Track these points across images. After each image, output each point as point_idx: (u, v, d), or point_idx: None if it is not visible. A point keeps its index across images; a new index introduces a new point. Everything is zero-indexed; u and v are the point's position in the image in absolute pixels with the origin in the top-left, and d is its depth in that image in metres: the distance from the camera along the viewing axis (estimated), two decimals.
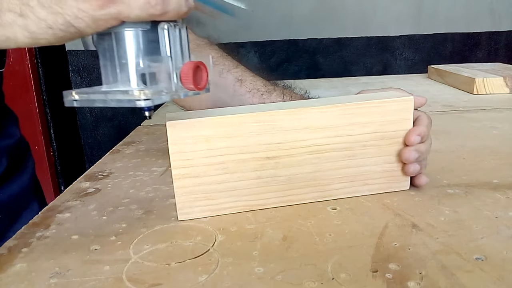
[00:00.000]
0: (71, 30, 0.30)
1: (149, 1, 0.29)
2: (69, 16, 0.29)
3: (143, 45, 0.32)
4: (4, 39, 0.30)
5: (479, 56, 1.95)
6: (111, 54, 0.32)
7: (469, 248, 0.34)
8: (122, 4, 0.29)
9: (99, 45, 0.33)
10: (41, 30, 0.30)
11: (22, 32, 0.30)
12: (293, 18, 1.84)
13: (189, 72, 0.32)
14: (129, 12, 0.29)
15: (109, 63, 0.33)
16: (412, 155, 0.43)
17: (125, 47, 0.32)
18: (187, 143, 0.39)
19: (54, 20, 0.29)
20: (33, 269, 0.34)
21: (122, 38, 0.32)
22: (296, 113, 0.41)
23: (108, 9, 0.29)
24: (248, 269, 0.33)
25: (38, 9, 0.29)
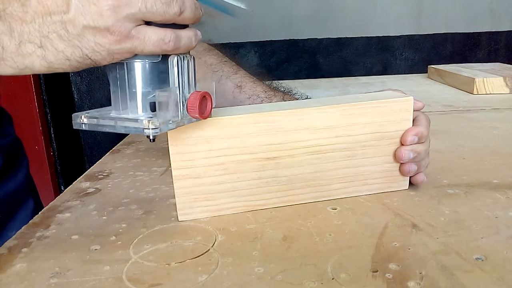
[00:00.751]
0: (87, 62, 0.31)
1: (163, 38, 0.31)
2: (86, 49, 0.31)
3: (153, 76, 0.33)
4: (23, 67, 0.32)
5: (479, 56, 1.94)
6: (122, 82, 0.33)
7: (469, 248, 0.34)
8: (137, 40, 0.31)
9: (110, 73, 0.34)
10: (59, 61, 0.31)
11: (40, 62, 0.31)
12: (293, 18, 1.84)
13: (195, 102, 0.34)
14: (143, 47, 0.31)
15: (119, 90, 0.34)
16: (407, 155, 0.43)
17: (135, 77, 0.33)
18: (187, 144, 0.39)
19: (72, 52, 0.31)
20: (33, 269, 0.34)
21: (133, 68, 0.33)
22: (296, 114, 0.41)
23: (124, 44, 0.30)
24: (248, 269, 0.33)
25: (57, 42, 0.30)
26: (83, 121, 0.34)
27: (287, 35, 1.86)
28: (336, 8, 1.85)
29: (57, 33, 0.30)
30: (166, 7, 0.30)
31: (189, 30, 0.33)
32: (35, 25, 0.30)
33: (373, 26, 1.88)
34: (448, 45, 1.93)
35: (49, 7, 0.30)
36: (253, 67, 1.82)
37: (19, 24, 0.30)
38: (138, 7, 0.30)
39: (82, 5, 0.29)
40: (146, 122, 0.32)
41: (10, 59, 0.31)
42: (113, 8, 0.29)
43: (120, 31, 0.30)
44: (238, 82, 0.59)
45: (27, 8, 0.30)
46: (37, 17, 0.30)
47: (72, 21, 0.30)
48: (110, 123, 0.33)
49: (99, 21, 0.29)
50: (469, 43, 1.93)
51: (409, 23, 1.89)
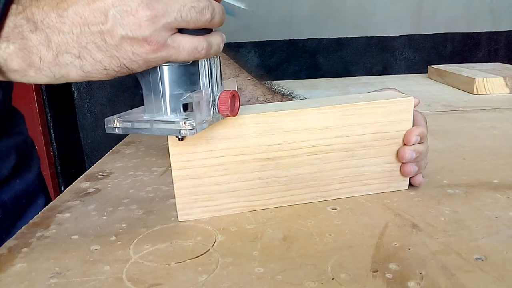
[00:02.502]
0: (123, 71, 0.32)
1: (196, 47, 0.32)
2: (124, 59, 0.31)
3: (185, 78, 0.34)
4: (59, 77, 0.32)
5: (479, 56, 1.94)
6: (155, 86, 0.34)
7: (469, 248, 0.34)
8: (172, 49, 0.31)
9: (142, 77, 0.34)
10: (96, 71, 0.32)
11: (77, 72, 0.32)
12: (293, 18, 1.84)
13: (226, 101, 0.36)
14: (178, 56, 0.32)
15: (152, 94, 0.34)
16: (410, 155, 0.44)
17: (169, 80, 0.34)
18: (187, 144, 0.39)
19: (109, 62, 0.31)
20: (33, 269, 0.34)
21: (167, 72, 0.34)
22: (296, 114, 0.41)
23: (160, 53, 0.31)
24: (248, 269, 0.33)
25: (95, 52, 0.31)
26: (116, 125, 0.35)
27: (287, 35, 1.86)
28: (336, 8, 1.85)
29: (95, 43, 0.30)
30: (200, 15, 0.31)
31: (218, 35, 0.34)
32: (73, 35, 0.30)
33: (373, 26, 1.88)
34: (448, 45, 1.93)
35: (86, 18, 0.30)
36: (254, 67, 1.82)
37: (56, 35, 0.30)
38: (174, 16, 0.30)
39: (120, 16, 0.30)
40: (182, 124, 0.32)
41: (47, 69, 0.31)
42: (151, 18, 0.30)
43: (158, 40, 0.30)
44: (238, 85, 0.60)
45: (64, 19, 0.30)
46: (74, 27, 0.30)
47: (110, 31, 0.30)
48: (145, 126, 0.34)
49: (137, 32, 0.30)
50: (469, 43, 1.93)
51: (409, 23, 1.89)
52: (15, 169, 0.56)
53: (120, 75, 0.33)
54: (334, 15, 1.86)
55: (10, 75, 0.32)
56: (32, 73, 0.31)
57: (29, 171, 0.59)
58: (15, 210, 0.55)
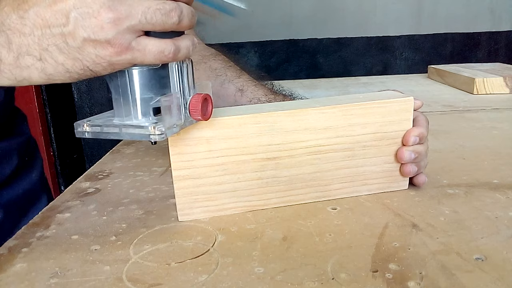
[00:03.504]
0: (87, 73, 0.31)
1: (162, 51, 0.31)
2: (87, 61, 0.31)
3: (154, 82, 0.34)
4: (21, 79, 0.32)
5: (479, 56, 1.94)
6: (124, 90, 0.34)
7: (469, 248, 0.34)
8: (137, 52, 0.31)
9: (111, 80, 0.34)
10: (59, 73, 0.31)
11: (39, 74, 0.31)
12: (293, 18, 1.84)
13: (197, 105, 0.35)
14: (144, 59, 0.31)
15: (121, 97, 0.34)
16: (409, 156, 0.44)
17: (137, 84, 0.33)
18: (187, 144, 0.39)
19: (72, 65, 0.31)
20: (33, 269, 0.34)
21: (135, 75, 0.33)
22: (296, 114, 0.41)
23: (124, 55, 0.31)
24: (248, 269, 0.33)
25: (57, 54, 0.30)
26: (85, 130, 0.34)
27: (287, 35, 1.86)
28: (336, 8, 1.85)
29: (56, 45, 0.30)
30: (166, 18, 0.30)
31: (187, 39, 0.33)
32: (34, 37, 0.30)
33: (373, 26, 1.88)
34: (448, 45, 1.93)
35: (48, 20, 0.29)
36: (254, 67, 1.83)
37: (17, 37, 0.30)
38: (138, 19, 0.30)
39: (82, 17, 0.29)
40: (151, 128, 0.32)
41: (8, 71, 0.31)
42: (113, 21, 0.29)
43: (121, 43, 0.30)
44: (240, 86, 0.60)
45: (26, 21, 0.30)
46: (35, 29, 0.30)
47: (72, 33, 0.29)
48: (114, 130, 0.34)
49: (99, 34, 0.29)
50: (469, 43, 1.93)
51: (409, 23, 1.89)
52: (18, 169, 0.56)
53: (84, 77, 0.32)
54: (334, 15, 1.86)
55: None
56: None
57: (32, 171, 0.59)
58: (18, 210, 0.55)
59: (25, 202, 0.57)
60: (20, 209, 0.55)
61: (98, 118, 0.35)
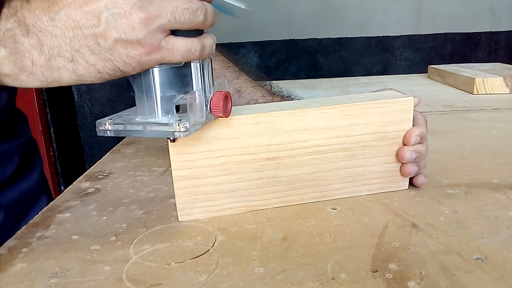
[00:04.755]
0: (117, 74, 0.32)
1: (190, 49, 0.32)
2: (118, 62, 0.31)
3: (177, 80, 0.34)
4: (51, 81, 0.32)
5: (479, 56, 1.94)
6: (148, 88, 0.34)
7: (469, 248, 0.34)
8: (166, 51, 0.31)
9: (134, 80, 0.34)
10: (90, 74, 0.31)
11: (69, 75, 0.31)
12: (293, 18, 1.84)
13: (219, 102, 0.36)
14: (172, 58, 0.32)
15: (144, 96, 0.34)
16: (410, 155, 0.44)
17: (162, 82, 0.34)
18: (187, 144, 0.39)
19: (103, 65, 0.31)
20: (33, 269, 0.34)
21: (159, 74, 0.33)
22: (296, 114, 0.41)
23: (154, 55, 0.31)
24: (248, 269, 0.33)
25: (88, 55, 0.30)
26: (107, 128, 0.34)
27: (287, 35, 1.86)
28: (336, 8, 1.85)
29: (88, 47, 0.30)
30: (193, 17, 0.31)
31: (210, 37, 0.34)
32: (66, 39, 0.30)
33: (373, 26, 1.88)
34: (448, 45, 1.93)
35: (79, 21, 0.29)
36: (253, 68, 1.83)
37: (48, 38, 0.30)
38: (168, 18, 0.30)
39: (113, 18, 0.29)
40: (176, 125, 0.32)
41: (39, 73, 0.31)
42: (144, 21, 0.29)
43: (151, 43, 0.30)
44: (238, 87, 0.60)
45: (56, 22, 0.30)
46: (67, 31, 0.30)
47: (104, 34, 0.30)
48: (138, 128, 0.34)
49: (131, 34, 0.30)
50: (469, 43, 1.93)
51: (409, 23, 1.89)
52: (18, 170, 0.56)
53: (114, 78, 0.32)
54: (334, 15, 1.86)
55: (2, 79, 0.32)
56: (24, 77, 0.31)
57: (32, 172, 0.59)
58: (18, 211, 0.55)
59: (26, 203, 0.57)
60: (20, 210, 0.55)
61: (119, 117, 0.36)
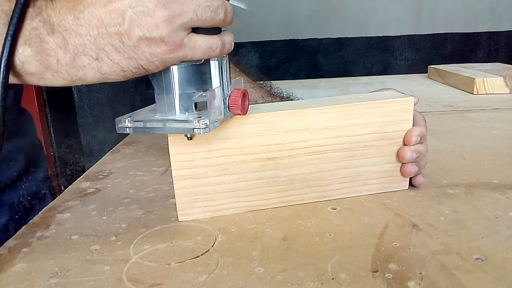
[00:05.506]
0: (140, 72, 0.32)
1: (211, 46, 0.32)
2: (141, 60, 0.31)
3: (196, 77, 0.34)
4: (75, 79, 0.32)
5: (479, 56, 1.94)
6: (168, 85, 0.34)
7: (469, 248, 0.34)
8: (188, 49, 0.32)
9: (154, 77, 0.35)
10: (114, 72, 0.32)
11: (94, 74, 0.32)
12: (293, 18, 1.84)
13: (237, 99, 0.36)
14: (193, 55, 0.32)
15: (164, 93, 0.35)
16: (411, 155, 0.44)
17: (181, 80, 0.34)
18: (187, 144, 0.39)
19: (127, 64, 0.31)
20: (33, 269, 0.34)
21: (179, 72, 0.34)
22: (296, 114, 0.41)
23: (176, 53, 0.31)
24: (248, 269, 0.33)
25: (113, 54, 0.31)
26: (127, 125, 0.35)
27: (287, 35, 1.86)
28: (336, 8, 1.85)
29: (113, 45, 0.30)
30: (214, 14, 0.31)
31: (229, 34, 0.34)
32: (90, 37, 0.30)
33: (373, 26, 1.88)
34: (448, 45, 1.93)
35: (103, 20, 0.30)
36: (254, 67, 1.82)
37: (73, 37, 0.30)
38: (190, 16, 0.30)
39: (137, 16, 0.30)
40: (196, 122, 0.33)
41: (64, 71, 0.31)
42: (168, 19, 0.30)
43: (174, 40, 0.31)
44: None
45: (81, 21, 0.30)
46: (91, 29, 0.30)
47: (128, 32, 0.30)
48: (158, 125, 0.34)
49: (154, 32, 0.30)
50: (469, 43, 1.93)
51: (409, 23, 1.89)
52: (24, 170, 0.56)
53: (137, 76, 0.33)
54: (334, 15, 1.86)
55: (27, 78, 0.32)
56: (49, 75, 0.31)
57: (37, 172, 0.60)
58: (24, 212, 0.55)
59: (31, 203, 0.57)
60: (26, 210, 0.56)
61: (137, 114, 0.36)
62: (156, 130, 0.34)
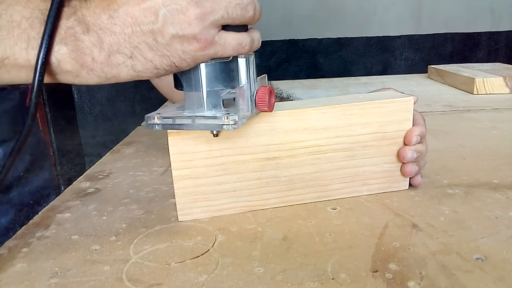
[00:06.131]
0: (172, 70, 0.33)
1: (241, 43, 0.33)
2: (174, 57, 0.32)
3: (225, 74, 0.35)
4: (110, 77, 0.32)
5: (479, 56, 1.95)
6: (197, 83, 0.35)
7: (469, 248, 0.34)
8: (219, 46, 0.32)
9: (183, 74, 0.35)
10: (147, 70, 0.32)
11: (128, 72, 0.32)
12: (293, 18, 1.85)
13: (265, 96, 0.37)
14: (224, 52, 0.33)
15: (193, 90, 0.35)
16: (411, 155, 0.44)
17: (209, 77, 0.34)
18: (187, 144, 0.39)
19: (160, 61, 0.32)
20: (33, 269, 0.34)
21: (207, 69, 0.34)
22: (296, 114, 0.41)
23: (208, 50, 0.32)
24: (248, 269, 0.33)
25: (146, 52, 0.31)
26: (156, 122, 0.35)
27: (287, 35, 1.86)
28: (336, 8, 1.85)
29: (146, 43, 0.31)
30: (244, 12, 0.32)
31: (257, 32, 0.35)
32: (125, 36, 0.31)
33: (373, 26, 1.88)
34: (448, 45, 1.93)
35: (137, 18, 0.30)
36: None
37: (108, 36, 0.31)
38: (221, 14, 0.31)
39: (171, 14, 0.30)
40: (225, 118, 0.33)
41: (99, 70, 0.32)
42: (200, 16, 0.30)
43: (206, 38, 0.31)
44: None
45: (115, 20, 0.30)
46: (126, 28, 0.30)
47: (161, 30, 0.30)
48: (187, 122, 0.35)
49: (187, 30, 0.30)
50: (469, 43, 1.93)
51: (409, 23, 1.89)
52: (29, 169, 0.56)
53: (169, 73, 0.33)
54: (334, 15, 1.86)
55: (62, 77, 0.32)
56: (84, 73, 0.32)
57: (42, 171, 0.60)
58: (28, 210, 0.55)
59: (36, 202, 0.57)
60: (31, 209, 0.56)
61: (165, 111, 0.36)
62: (185, 127, 0.35)
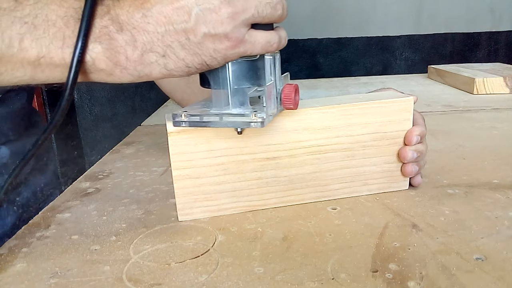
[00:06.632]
0: (203, 68, 0.33)
1: (269, 41, 0.33)
2: (205, 56, 0.32)
3: (251, 73, 0.35)
4: (142, 75, 0.33)
5: (479, 56, 1.95)
6: (224, 81, 0.35)
7: (469, 248, 0.34)
8: (249, 44, 0.32)
9: (210, 73, 0.35)
10: (179, 68, 0.32)
11: (160, 70, 0.32)
12: (293, 18, 1.84)
13: (291, 94, 0.37)
14: (253, 50, 0.33)
15: (221, 88, 0.35)
16: (412, 155, 0.44)
17: (237, 75, 0.35)
18: (187, 144, 0.39)
19: (191, 60, 0.32)
20: (33, 269, 0.34)
21: (235, 67, 0.35)
22: (295, 114, 0.41)
23: (238, 49, 0.32)
24: (248, 269, 0.33)
25: (179, 50, 0.31)
26: (183, 119, 0.36)
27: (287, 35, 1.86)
28: (336, 8, 1.85)
29: (179, 42, 0.31)
30: (273, 10, 0.32)
31: (283, 30, 0.35)
32: (158, 34, 0.31)
33: (373, 26, 1.88)
34: (448, 45, 1.93)
35: (170, 17, 0.30)
36: None
37: (141, 35, 0.31)
38: (252, 12, 0.31)
39: (203, 13, 0.30)
40: (252, 116, 0.34)
41: (132, 68, 0.32)
42: (232, 15, 0.30)
43: (237, 36, 0.31)
44: None
45: (149, 19, 0.31)
46: (159, 27, 0.31)
47: (194, 29, 0.31)
48: (215, 119, 0.35)
49: (219, 29, 0.31)
50: (469, 43, 1.93)
51: (409, 23, 1.89)
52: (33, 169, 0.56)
53: (200, 72, 0.34)
54: (334, 15, 1.86)
55: (95, 75, 0.33)
56: (118, 72, 0.32)
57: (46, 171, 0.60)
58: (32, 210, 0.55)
59: (40, 199, 0.57)
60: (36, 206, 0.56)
61: (192, 109, 0.37)
62: (213, 124, 0.35)
